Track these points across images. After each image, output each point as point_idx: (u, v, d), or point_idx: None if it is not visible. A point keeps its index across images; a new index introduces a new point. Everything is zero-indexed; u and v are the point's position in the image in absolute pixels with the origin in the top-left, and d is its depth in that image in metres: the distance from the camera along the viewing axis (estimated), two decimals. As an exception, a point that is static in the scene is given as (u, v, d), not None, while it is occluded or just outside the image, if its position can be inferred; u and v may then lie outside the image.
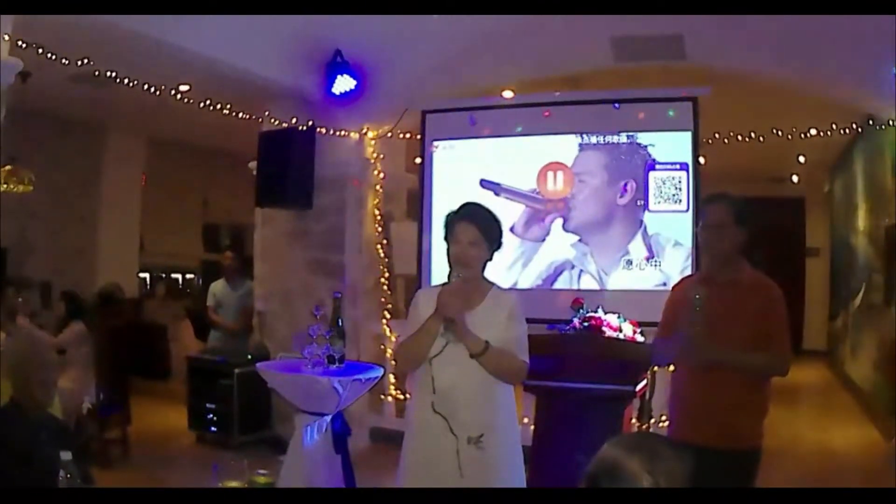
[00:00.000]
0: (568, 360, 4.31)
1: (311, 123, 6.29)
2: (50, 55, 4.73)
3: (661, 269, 5.86)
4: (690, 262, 5.76)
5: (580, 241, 6.09)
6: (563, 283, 6.09)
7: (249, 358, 6.26)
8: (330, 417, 4.36)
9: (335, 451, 4.35)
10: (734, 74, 6.08)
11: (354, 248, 6.64)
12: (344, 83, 5.90)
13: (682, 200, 5.86)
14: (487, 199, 6.11)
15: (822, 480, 5.44)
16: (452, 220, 2.92)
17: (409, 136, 6.89)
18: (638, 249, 5.92)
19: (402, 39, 5.75)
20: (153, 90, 5.47)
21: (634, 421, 5.22)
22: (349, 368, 4.48)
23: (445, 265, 2.94)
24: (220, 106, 5.94)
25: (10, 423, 2.79)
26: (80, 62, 4.89)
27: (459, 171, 6.47)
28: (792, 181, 11.93)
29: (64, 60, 4.81)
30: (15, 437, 2.74)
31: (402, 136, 6.89)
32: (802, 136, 6.02)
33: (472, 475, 2.74)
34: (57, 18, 4.36)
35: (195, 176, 11.34)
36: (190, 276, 12.61)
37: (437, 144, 6.59)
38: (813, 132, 6.01)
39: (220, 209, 12.13)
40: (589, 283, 6.01)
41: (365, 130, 6.66)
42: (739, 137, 6.12)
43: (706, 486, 1.72)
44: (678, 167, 5.90)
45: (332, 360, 4.42)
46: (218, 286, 7.28)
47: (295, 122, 6.29)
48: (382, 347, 6.68)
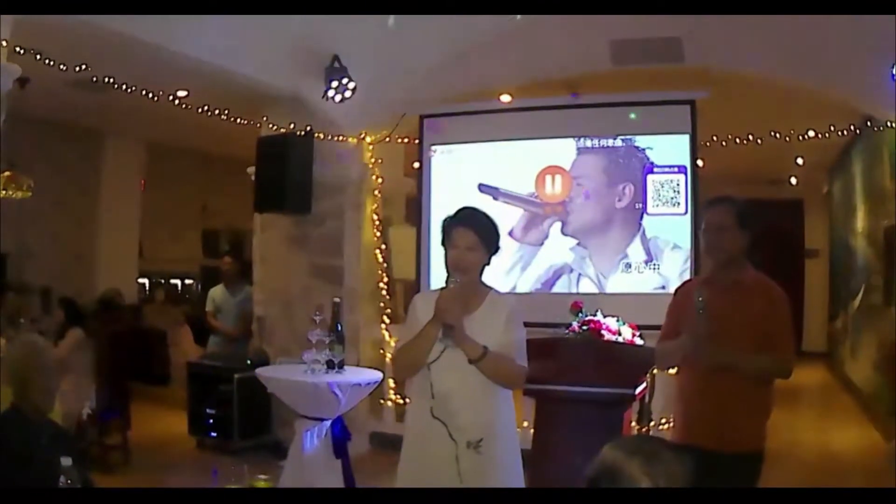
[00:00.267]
0: (567, 363, 4.31)
1: (309, 128, 6.30)
2: (48, 61, 4.73)
3: (659, 272, 5.87)
4: (689, 264, 5.77)
5: (579, 244, 6.10)
6: (561, 286, 6.10)
7: (249, 363, 6.26)
8: (330, 422, 4.36)
9: (335, 455, 4.36)
10: (732, 77, 6.09)
11: (353, 253, 6.63)
12: (341, 88, 5.91)
13: (680, 203, 5.87)
14: (486, 203, 6.12)
15: (822, 481, 5.44)
16: (449, 225, 2.88)
17: (407, 140, 6.89)
18: (636, 253, 5.93)
19: (399, 44, 5.75)
20: (152, 96, 5.47)
21: (634, 424, 5.21)
22: (348, 373, 4.50)
23: (444, 270, 2.91)
24: (218, 111, 5.94)
25: (10, 428, 2.79)
26: (78, 68, 4.89)
27: (458, 175, 6.48)
28: (791, 183, 11.93)
29: (62, 66, 4.82)
30: (15, 442, 2.74)
31: (400, 140, 6.89)
32: (801, 137, 6.02)
33: (471, 480, 2.73)
34: (55, 24, 4.37)
35: (194, 181, 11.37)
36: (189, 281, 12.61)
37: (435, 149, 6.60)
38: (811, 134, 6.01)
39: (219, 214, 12.15)
40: (588, 286, 6.01)
41: (363, 135, 6.66)
42: (738, 140, 6.12)
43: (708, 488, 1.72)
44: (676, 170, 5.91)
45: (331, 365, 4.43)
46: (217, 291, 7.28)
47: (293, 127, 6.29)
48: (382, 352, 6.66)
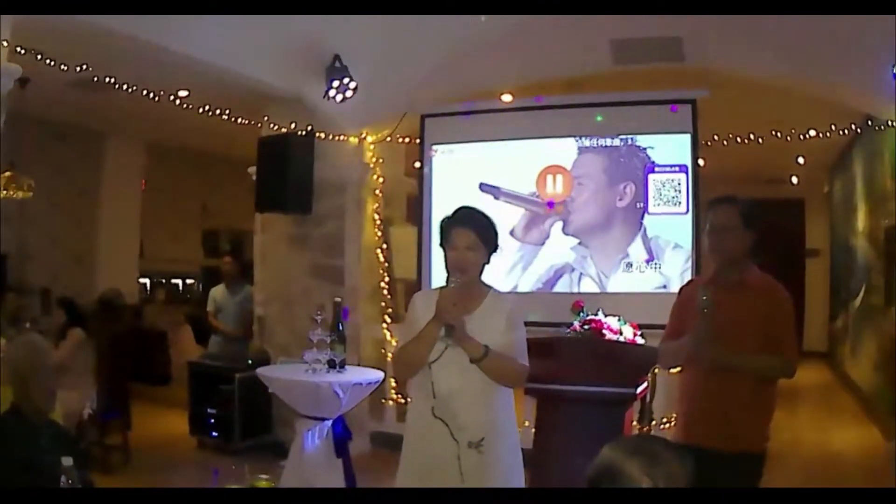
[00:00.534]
0: (568, 363, 4.31)
1: (310, 128, 6.30)
2: (49, 61, 4.74)
3: (660, 271, 5.87)
4: (690, 264, 5.76)
5: (580, 244, 6.09)
6: (563, 286, 6.09)
7: (250, 363, 6.26)
8: (331, 422, 4.36)
9: (336, 455, 4.36)
10: (733, 76, 6.09)
11: (354, 252, 6.63)
12: (342, 88, 5.90)
13: (681, 203, 5.87)
14: (487, 202, 6.12)
15: (822, 481, 5.44)
16: (448, 225, 2.87)
17: (408, 140, 6.89)
18: (638, 252, 5.92)
19: (400, 44, 5.75)
20: (152, 96, 5.47)
21: (635, 424, 5.21)
22: (349, 373, 4.50)
23: (444, 269, 2.90)
24: (219, 111, 5.94)
25: (11, 429, 2.79)
26: (78, 68, 4.89)
27: (459, 174, 6.47)
28: (791, 182, 11.93)
29: (63, 66, 4.82)
30: (16, 443, 2.74)
31: (401, 140, 6.89)
32: (801, 137, 6.01)
33: (472, 480, 2.72)
34: (55, 24, 4.36)
35: (195, 181, 11.37)
36: (190, 281, 12.61)
37: (436, 148, 6.60)
38: (812, 133, 6.00)
39: (219, 214, 12.15)
40: (589, 285, 6.01)
41: (364, 135, 6.66)
42: (738, 139, 6.12)
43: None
44: (677, 169, 5.91)
45: (332, 364, 4.43)
46: (218, 291, 7.27)
47: (294, 127, 6.28)
48: (383, 352, 6.66)
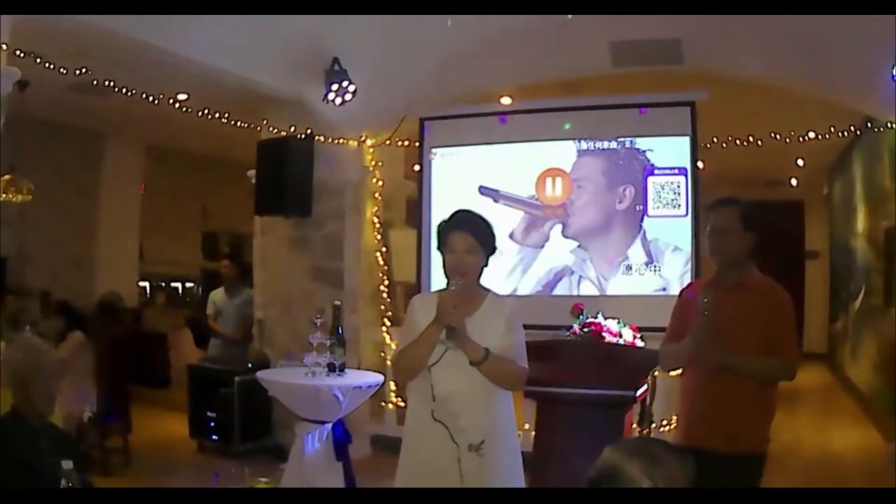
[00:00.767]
0: (568, 365, 4.31)
1: (309, 131, 6.30)
2: (48, 64, 4.73)
3: (660, 274, 5.86)
4: (690, 266, 5.76)
5: (579, 246, 6.09)
6: (562, 289, 6.09)
7: (249, 366, 6.25)
8: (331, 425, 4.36)
9: (336, 458, 4.35)
10: (732, 78, 6.09)
11: (353, 255, 6.63)
12: (342, 91, 5.90)
13: (680, 205, 5.87)
14: (486, 205, 6.12)
15: (822, 482, 5.44)
16: (446, 229, 2.85)
17: (407, 143, 6.90)
18: (637, 255, 5.92)
19: (399, 47, 5.75)
20: (151, 99, 5.47)
21: (635, 426, 5.21)
22: (349, 376, 4.49)
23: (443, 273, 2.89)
24: (218, 114, 5.93)
25: (10, 431, 2.78)
26: (78, 71, 4.89)
27: (458, 177, 6.47)
28: (791, 184, 11.94)
29: (62, 69, 4.81)
30: (16, 445, 2.73)
31: (400, 143, 6.89)
32: (801, 139, 6.02)
33: (472, 482, 2.72)
34: (55, 27, 4.36)
35: (194, 184, 11.38)
36: (190, 284, 12.61)
37: (435, 152, 6.60)
38: (811, 135, 6.01)
39: (219, 217, 12.15)
40: (589, 288, 6.01)
41: (363, 138, 6.66)
42: (738, 141, 6.13)
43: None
44: (677, 172, 5.91)
45: (332, 368, 4.43)
46: (217, 294, 7.27)
47: (293, 130, 6.29)
48: (382, 355, 6.66)
